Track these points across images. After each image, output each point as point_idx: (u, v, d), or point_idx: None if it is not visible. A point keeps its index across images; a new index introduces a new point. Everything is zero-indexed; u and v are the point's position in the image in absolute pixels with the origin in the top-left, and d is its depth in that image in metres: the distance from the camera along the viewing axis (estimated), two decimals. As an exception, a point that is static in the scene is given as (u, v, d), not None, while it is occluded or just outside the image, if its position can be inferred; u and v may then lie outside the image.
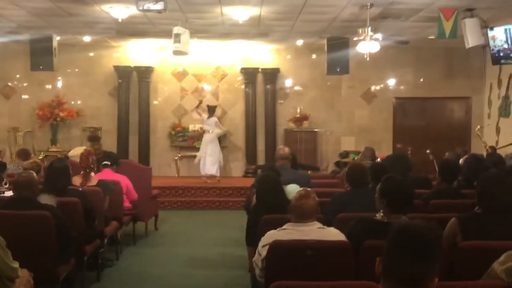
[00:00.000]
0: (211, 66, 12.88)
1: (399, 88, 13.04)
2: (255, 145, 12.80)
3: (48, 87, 12.76)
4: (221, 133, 11.91)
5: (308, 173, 7.79)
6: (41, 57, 10.01)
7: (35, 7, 8.70)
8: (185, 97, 12.89)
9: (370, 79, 12.90)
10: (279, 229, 3.47)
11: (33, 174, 4.50)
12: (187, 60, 12.13)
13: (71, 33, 10.98)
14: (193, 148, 12.23)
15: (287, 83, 13.01)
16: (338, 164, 11.98)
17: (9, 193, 5.49)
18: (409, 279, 1.73)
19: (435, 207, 4.65)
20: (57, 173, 5.19)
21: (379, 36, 8.79)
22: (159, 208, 9.05)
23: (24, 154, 8.32)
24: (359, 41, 8.91)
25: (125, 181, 6.86)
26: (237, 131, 12.90)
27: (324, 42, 10.59)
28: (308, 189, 3.56)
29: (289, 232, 3.38)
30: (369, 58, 9.05)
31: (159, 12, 7.67)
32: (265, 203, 4.55)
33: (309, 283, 2.45)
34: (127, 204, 6.97)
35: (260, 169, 6.83)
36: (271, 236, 3.39)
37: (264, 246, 3.36)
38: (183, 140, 12.54)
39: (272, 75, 12.75)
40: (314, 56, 12.79)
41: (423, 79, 12.93)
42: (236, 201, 10.71)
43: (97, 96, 12.82)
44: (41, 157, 11.78)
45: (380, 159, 8.58)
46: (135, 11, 8.12)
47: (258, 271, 3.46)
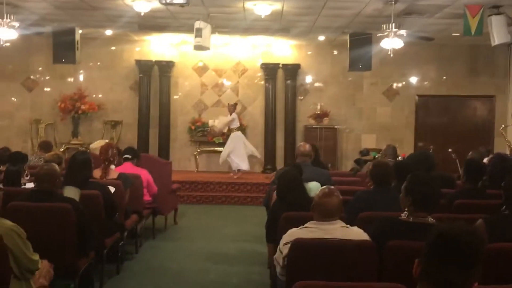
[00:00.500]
0: (232, 61, 12.84)
1: (422, 85, 12.88)
2: (274, 142, 12.75)
3: (70, 80, 12.84)
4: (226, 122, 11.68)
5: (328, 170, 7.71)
6: (63, 50, 10.07)
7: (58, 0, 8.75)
8: (205, 92, 12.88)
9: (392, 76, 12.76)
10: (301, 227, 3.41)
11: (55, 166, 4.50)
12: (207, 55, 12.12)
13: (93, 27, 11.03)
14: (213, 143, 12.22)
15: (308, 79, 12.92)
16: (358, 161, 11.87)
17: (30, 185, 5.52)
18: (451, 284, 1.68)
19: (460, 207, 4.56)
20: (79, 165, 5.20)
21: (403, 32, 8.66)
22: (179, 202, 9.06)
23: (46, 146, 8.38)
24: (382, 37, 8.79)
25: (145, 175, 6.87)
26: (256, 127, 12.86)
27: (346, 37, 10.50)
28: (332, 187, 3.49)
29: (312, 230, 3.32)
30: (392, 54, 8.93)
31: (181, 6, 7.66)
32: (285, 200, 4.50)
33: (335, 284, 2.39)
34: (147, 197, 6.98)
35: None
36: (293, 234, 3.34)
37: (285, 244, 3.31)
38: (203, 135, 12.54)
39: (292, 71, 12.68)
40: (335, 52, 12.69)
41: (446, 77, 12.75)
42: (254, 197, 10.69)
43: (118, 90, 12.87)
44: (62, 149, 11.89)
45: (401, 157, 8.48)
46: (157, 5, 8.12)
47: (279, 269, 3.42)
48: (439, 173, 6.03)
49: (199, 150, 12.55)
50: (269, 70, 12.68)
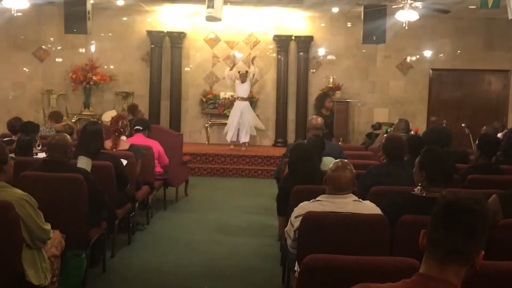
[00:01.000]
0: (244, 33, 12.71)
1: (436, 59, 12.69)
2: (286, 115, 12.69)
3: (81, 50, 12.80)
4: (256, 71, 11.65)
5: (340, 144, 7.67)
6: (75, 20, 9.98)
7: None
8: (217, 64, 12.79)
9: (406, 49, 12.59)
10: (312, 200, 3.39)
11: (67, 136, 4.49)
12: (219, 26, 12.01)
13: (105, -4, 10.94)
14: (224, 115, 12.18)
15: (321, 51, 12.78)
16: (370, 135, 11.81)
17: (42, 155, 5.54)
18: (457, 253, 1.68)
19: (473, 182, 4.51)
20: (91, 136, 5.20)
21: (419, 4, 8.51)
22: (189, 174, 9.08)
23: (56, 116, 8.39)
24: (397, 9, 8.65)
25: (157, 147, 6.86)
26: (268, 100, 12.78)
27: (360, 9, 10.32)
28: (345, 161, 3.45)
29: (323, 204, 3.30)
30: (407, 27, 8.79)
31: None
32: (296, 173, 4.47)
33: (347, 257, 2.37)
34: (158, 169, 6.99)
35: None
36: (304, 207, 3.32)
37: (297, 217, 3.29)
38: (214, 107, 12.50)
39: (305, 43, 12.53)
40: (349, 24, 12.52)
41: (461, 51, 12.55)
42: (265, 170, 10.69)
43: (129, 61, 12.82)
44: (74, 120, 11.92)
45: (414, 131, 8.41)
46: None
47: (290, 241, 3.41)
48: (453, 149, 5.97)
49: (210, 122, 12.53)
50: (282, 42, 12.54)
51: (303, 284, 2.46)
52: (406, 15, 8.52)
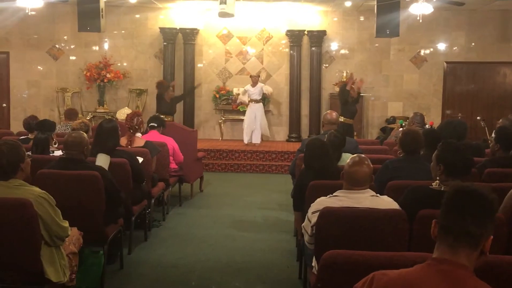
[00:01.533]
0: (256, 28, 12.69)
1: (451, 51, 12.58)
2: (299, 110, 12.66)
3: (95, 48, 12.86)
4: (270, 91, 11.74)
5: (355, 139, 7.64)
6: (88, 18, 10.01)
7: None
8: (230, 60, 12.79)
9: (420, 42, 12.49)
10: (329, 195, 3.37)
11: (83, 134, 4.51)
12: (232, 22, 12.00)
13: (117, -6, 10.97)
14: (237, 111, 12.18)
15: (333, 46, 12.72)
16: (384, 130, 11.76)
17: (58, 153, 5.57)
18: (467, 235, 1.77)
19: (491, 175, 4.47)
20: (106, 133, 5.22)
21: (433, -3, 8.45)
22: (204, 170, 9.10)
23: (71, 114, 8.45)
24: (410, 2, 8.58)
25: (171, 143, 6.89)
26: (281, 95, 12.76)
27: (373, 3, 10.24)
28: (362, 156, 3.42)
29: (341, 199, 3.28)
30: (421, 20, 8.71)
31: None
32: (312, 168, 4.46)
33: (366, 253, 2.36)
34: (173, 165, 7.02)
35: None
36: (321, 202, 3.30)
37: (314, 212, 3.27)
38: (227, 103, 12.50)
39: (318, 37, 12.48)
40: (362, 18, 12.45)
41: (475, 43, 12.43)
42: (279, 165, 10.69)
43: (143, 58, 12.86)
44: (88, 117, 11.99)
45: (429, 125, 8.35)
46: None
47: (307, 237, 3.40)
48: (468, 142, 5.91)
49: (223, 118, 12.54)
50: (294, 37, 12.50)
51: (322, 280, 2.45)
52: (420, 8, 8.45)
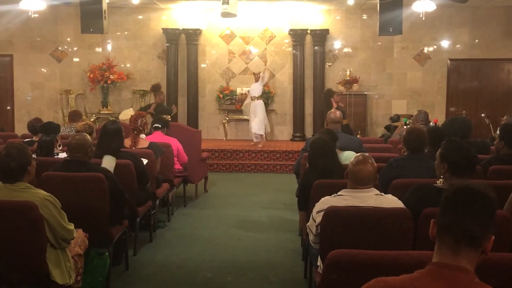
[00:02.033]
0: (259, 28, 12.69)
1: (454, 49, 12.55)
2: (303, 109, 12.65)
3: (98, 50, 12.89)
4: (267, 75, 11.70)
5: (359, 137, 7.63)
6: (91, 19, 10.03)
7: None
8: (233, 59, 12.80)
9: (423, 40, 12.46)
10: (334, 195, 3.37)
11: (87, 136, 4.52)
12: (234, 22, 12.00)
13: (120, -5, 10.99)
14: (241, 111, 12.19)
15: (336, 44, 12.71)
16: (388, 128, 11.74)
17: (63, 155, 5.59)
18: (468, 235, 1.70)
19: (496, 173, 4.45)
20: (111, 135, 5.23)
21: (436, -6, 8.42)
22: (208, 170, 9.10)
23: (75, 116, 8.46)
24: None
25: (175, 144, 6.89)
26: (284, 94, 12.76)
27: (376, 1, 10.23)
28: (366, 154, 3.42)
29: (345, 198, 3.28)
30: (424, 17, 8.69)
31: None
32: (316, 167, 4.45)
33: (372, 252, 2.36)
34: (177, 166, 7.02)
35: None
36: (326, 202, 3.30)
37: (318, 212, 3.28)
38: (231, 103, 12.51)
39: (321, 36, 12.47)
40: (365, 16, 12.44)
41: (479, 40, 12.39)
42: (284, 164, 10.69)
43: (146, 59, 12.88)
44: (92, 119, 12.01)
45: (433, 123, 8.33)
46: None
47: (312, 236, 3.40)
48: (473, 140, 5.90)
49: (227, 118, 12.54)
50: (297, 36, 12.50)
51: (327, 279, 2.45)
52: (423, 6, 8.43)
